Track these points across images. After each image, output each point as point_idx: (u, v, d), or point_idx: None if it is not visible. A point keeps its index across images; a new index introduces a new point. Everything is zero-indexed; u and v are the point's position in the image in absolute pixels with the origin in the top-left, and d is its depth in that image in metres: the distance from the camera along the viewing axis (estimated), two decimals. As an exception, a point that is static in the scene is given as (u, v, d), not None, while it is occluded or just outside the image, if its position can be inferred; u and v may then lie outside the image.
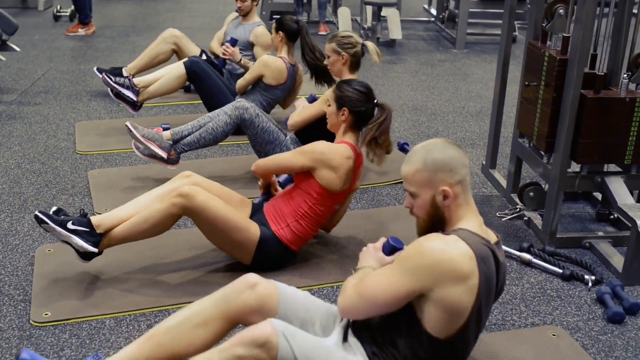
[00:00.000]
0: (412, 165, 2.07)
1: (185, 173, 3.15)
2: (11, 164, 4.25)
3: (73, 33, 7.50)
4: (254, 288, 2.15)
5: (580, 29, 3.05)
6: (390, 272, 2.00)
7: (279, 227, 3.07)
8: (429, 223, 2.08)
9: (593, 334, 2.79)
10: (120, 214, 2.98)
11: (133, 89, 4.71)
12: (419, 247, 1.97)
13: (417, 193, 2.07)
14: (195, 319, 2.14)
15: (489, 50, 7.49)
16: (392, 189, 4.07)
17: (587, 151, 3.26)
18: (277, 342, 1.90)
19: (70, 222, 2.87)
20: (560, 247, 3.39)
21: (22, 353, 2.13)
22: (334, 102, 3.10)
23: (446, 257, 1.92)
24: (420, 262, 1.94)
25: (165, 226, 2.96)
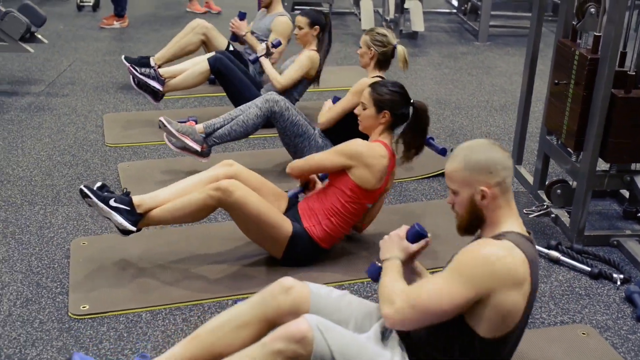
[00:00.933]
0: (454, 164, 2.10)
1: (227, 162, 3.21)
2: (42, 155, 4.32)
3: (109, 26, 7.51)
4: (288, 292, 2.23)
5: (612, 28, 3.06)
6: (446, 282, 1.99)
7: (310, 224, 3.11)
8: (468, 221, 2.12)
9: (622, 332, 2.82)
10: (161, 197, 3.06)
11: (159, 79, 4.75)
12: (475, 254, 1.99)
13: (458, 191, 2.10)
14: (235, 321, 2.22)
15: (512, 43, 7.47)
16: (418, 184, 4.10)
17: (617, 150, 3.28)
18: (313, 337, 1.97)
19: (112, 200, 2.96)
20: (588, 245, 3.41)
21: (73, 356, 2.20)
22: (372, 105, 3.11)
23: (504, 264, 1.95)
24: (479, 270, 1.95)
25: (200, 215, 3.04)
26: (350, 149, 3.07)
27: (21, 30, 5.16)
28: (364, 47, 3.89)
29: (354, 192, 3.06)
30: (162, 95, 4.84)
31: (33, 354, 2.58)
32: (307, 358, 1.97)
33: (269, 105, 3.89)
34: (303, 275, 3.04)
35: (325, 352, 1.98)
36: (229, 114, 4.00)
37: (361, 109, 3.16)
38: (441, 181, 4.16)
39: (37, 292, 2.96)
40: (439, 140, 4.73)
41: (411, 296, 2.03)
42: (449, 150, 4.52)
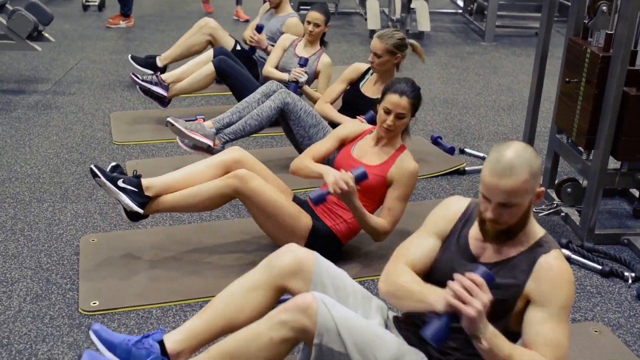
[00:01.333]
0: (519, 177, 1.91)
1: (234, 148, 3.20)
2: (50, 153, 4.31)
3: (115, 25, 7.52)
4: (293, 252, 2.26)
5: (626, 26, 3.05)
6: (565, 324, 1.97)
7: (335, 222, 3.11)
8: (517, 227, 2.02)
9: (635, 330, 2.81)
10: (170, 180, 3.05)
11: (162, 85, 4.71)
12: (568, 283, 1.97)
13: (520, 202, 1.96)
14: (245, 285, 2.26)
15: (518, 43, 7.46)
16: (427, 183, 4.09)
17: (629, 148, 3.26)
18: (317, 307, 1.98)
19: (121, 180, 2.96)
20: (598, 244, 3.40)
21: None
22: (410, 112, 3.05)
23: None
24: (574, 294, 2.01)
25: (216, 204, 3.03)
26: (337, 130, 3.17)
27: (29, 29, 5.17)
28: (385, 55, 3.81)
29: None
30: (169, 101, 4.80)
31: (44, 349, 2.57)
32: (312, 329, 1.98)
33: (282, 97, 3.86)
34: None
35: (329, 324, 1.98)
36: (236, 108, 3.98)
37: (396, 120, 3.02)
38: (450, 179, 4.15)
39: (47, 288, 2.95)
40: (447, 139, 4.73)
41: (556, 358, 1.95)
42: (456, 150, 4.53)
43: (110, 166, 3.06)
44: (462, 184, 4.10)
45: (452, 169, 4.24)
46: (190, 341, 2.20)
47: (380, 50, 3.81)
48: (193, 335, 2.21)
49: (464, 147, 4.58)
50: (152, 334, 2.23)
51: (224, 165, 3.09)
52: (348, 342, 1.98)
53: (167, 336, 2.22)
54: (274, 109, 3.88)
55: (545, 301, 1.95)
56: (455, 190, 4.01)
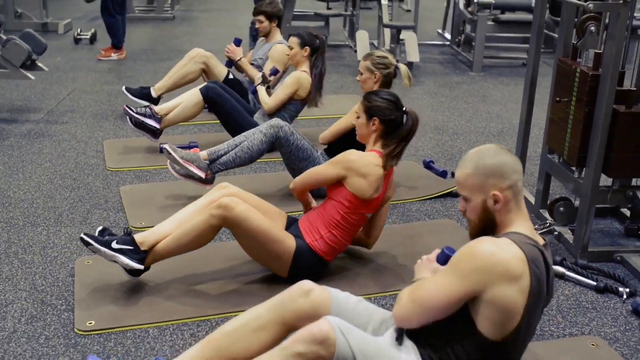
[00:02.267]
0: (465, 170, 2.12)
1: (222, 184, 3.21)
2: (43, 179, 4.31)
3: (106, 58, 7.57)
4: (308, 295, 2.21)
5: (614, 45, 3.12)
6: (443, 277, 2.04)
7: (312, 238, 3.11)
8: (481, 226, 2.13)
9: (632, 344, 2.82)
10: (162, 230, 3.04)
11: (155, 117, 4.73)
12: (470, 250, 2.01)
13: (470, 197, 2.11)
14: (253, 324, 2.20)
15: (506, 73, 7.57)
16: (421, 205, 4.12)
17: (619, 165, 3.31)
18: (335, 338, 1.95)
19: (114, 242, 2.94)
20: (592, 261, 3.42)
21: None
22: (363, 113, 3.15)
23: (497, 258, 1.96)
24: (473, 264, 1.98)
25: (207, 238, 3.00)
26: (343, 159, 3.10)
27: (22, 57, 5.20)
28: (365, 73, 3.93)
29: (351, 203, 3.08)
30: (160, 133, 4.81)
31: (40, 369, 2.55)
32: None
33: (273, 131, 3.92)
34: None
35: (347, 353, 1.96)
36: (233, 141, 4.00)
37: (356, 118, 3.20)
38: (443, 202, 4.17)
39: (42, 309, 2.93)
40: (439, 164, 4.76)
41: (414, 293, 2.07)
42: (449, 173, 4.57)
43: (97, 230, 3.03)
44: (454, 206, 4.12)
45: (444, 192, 4.27)
46: None
47: (361, 67, 3.96)
48: None
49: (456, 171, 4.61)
50: None
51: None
52: None
53: None
54: (264, 142, 3.92)
55: None
56: (448, 212, 4.03)
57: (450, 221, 3.89)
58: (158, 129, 4.75)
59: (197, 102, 4.77)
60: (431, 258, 2.27)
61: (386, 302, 3.05)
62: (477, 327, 2.03)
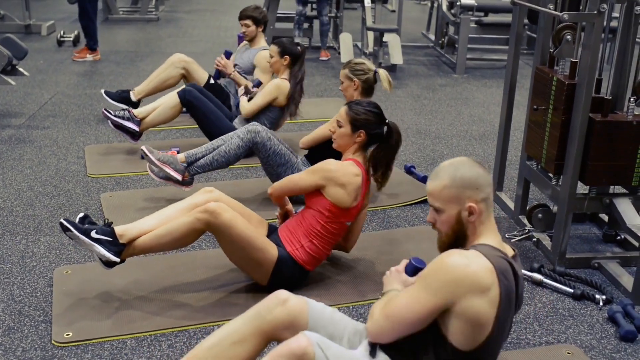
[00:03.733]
0: (440, 181, 2.12)
1: (207, 188, 3.22)
2: (23, 186, 4.30)
3: (81, 58, 7.57)
4: (284, 304, 2.21)
5: (589, 54, 3.14)
6: (414, 291, 2.05)
7: (293, 247, 3.12)
8: (452, 238, 2.14)
9: (607, 352, 2.84)
10: (143, 225, 3.03)
11: (134, 120, 4.74)
12: (440, 263, 2.02)
13: (443, 208, 2.12)
14: (232, 337, 2.20)
15: (489, 75, 7.60)
16: (401, 211, 4.13)
17: (596, 173, 3.33)
18: (314, 353, 1.96)
19: (94, 231, 2.93)
20: (570, 268, 3.45)
21: None
22: (348, 124, 3.15)
23: (467, 271, 1.97)
24: (443, 278, 1.99)
25: (188, 240, 3.01)
26: (322, 169, 3.11)
27: (3, 63, 5.18)
28: (345, 81, 3.95)
29: (331, 212, 3.09)
30: (140, 135, 4.83)
31: (16, 382, 2.54)
32: None
33: (250, 136, 3.93)
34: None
35: None
36: (211, 144, 4.02)
37: (337, 127, 3.19)
38: (423, 208, 4.19)
39: (19, 320, 2.92)
40: (420, 169, 4.78)
41: (386, 308, 2.08)
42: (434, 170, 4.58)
43: (78, 217, 3.03)
44: (435, 211, 4.14)
45: (425, 197, 4.27)
46: None
47: (341, 76, 4.00)
48: None
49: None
50: None
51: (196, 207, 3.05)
52: None
53: None
54: (241, 147, 3.93)
55: None
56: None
57: (430, 228, 3.89)
58: (137, 132, 4.76)
59: (174, 105, 4.78)
60: (400, 269, 2.28)
61: (364, 310, 3.06)
62: (448, 339, 2.04)
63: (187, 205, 3.11)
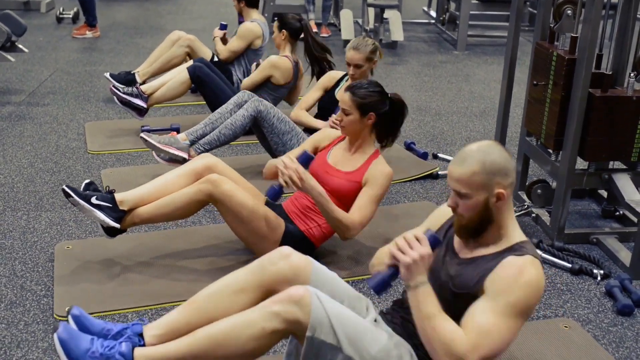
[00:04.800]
0: (469, 167, 2.01)
1: (204, 155, 3.23)
2: (24, 163, 4.31)
3: (81, 35, 7.53)
4: (288, 258, 2.21)
5: (589, 29, 3.14)
6: (505, 321, 1.94)
7: (308, 226, 3.14)
8: (477, 223, 2.07)
9: (604, 325, 2.86)
10: (143, 193, 3.07)
11: (141, 96, 4.74)
12: (527, 286, 1.95)
13: (471, 194, 2.02)
14: (233, 286, 2.20)
15: (490, 52, 7.57)
16: (401, 187, 4.14)
17: (595, 149, 3.34)
18: (311, 301, 1.98)
19: (94, 197, 2.97)
20: (568, 243, 3.47)
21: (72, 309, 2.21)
22: (355, 110, 3.07)
23: (542, 283, 2.00)
24: (531, 298, 1.97)
25: (190, 211, 3.05)
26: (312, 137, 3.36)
27: (1, 39, 5.17)
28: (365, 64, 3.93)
29: None
30: (146, 111, 4.83)
31: (19, 355, 2.57)
32: (305, 322, 1.97)
33: (254, 105, 3.92)
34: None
35: (323, 318, 1.98)
36: (209, 119, 4.02)
37: (343, 115, 3.11)
38: (423, 184, 4.20)
39: (21, 294, 2.94)
40: (420, 145, 4.78)
41: (476, 344, 1.93)
42: (430, 155, 4.59)
43: (84, 184, 3.06)
44: (435, 187, 4.15)
45: (425, 173, 4.29)
46: (169, 336, 2.16)
47: (360, 60, 3.90)
48: (172, 331, 2.16)
49: (437, 152, 4.64)
50: (131, 325, 2.20)
51: (195, 172, 3.11)
52: (341, 336, 1.99)
53: (147, 329, 2.18)
54: (247, 117, 3.92)
55: (495, 293, 1.96)
56: (428, 194, 4.06)
57: (430, 203, 3.92)
58: (145, 108, 4.77)
59: (184, 80, 4.78)
60: (420, 237, 2.03)
61: (363, 285, 3.08)
62: None
63: (185, 171, 3.12)
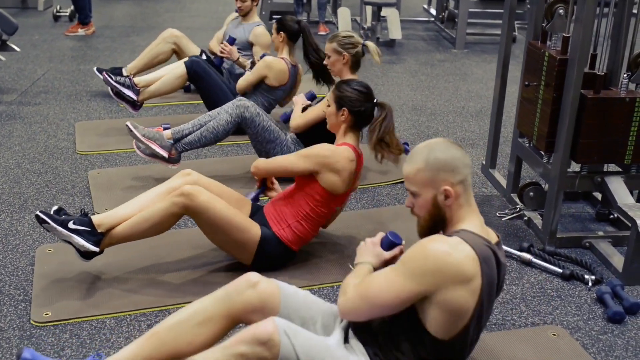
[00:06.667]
0: (414, 165, 2.06)
1: (185, 171, 3.16)
2: (11, 164, 4.25)
3: (73, 33, 7.51)
4: (255, 287, 2.15)
5: (581, 28, 3.06)
6: (394, 275, 1.99)
7: (279, 227, 3.07)
8: (430, 222, 2.09)
9: (593, 333, 2.79)
10: (121, 213, 2.98)
11: (133, 89, 4.71)
12: (422, 249, 1.97)
13: (419, 192, 2.06)
14: (197, 317, 2.13)
15: (489, 50, 7.49)
16: (392, 189, 4.08)
17: (587, 151, 3.26)
18: (279, 340, 1.91)
19: (71, 222, 2.87)
20: (560, 247, 3.39)
21: (23, 352, 2.13)
22: (333, 102, 3.09)
23: (450, 260, 1.92)
24: (425, 264, 1.93)
25: (166, 225, 2.96)
26: (317, 154, 3.02)
27: (-8, 39, 5.11)
28: (333, 55, 3.82)
29: (322, 197, 3.03)
30: (141, 104, 4.79)
31: (-8, 362, 2.52)
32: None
33: (239, 111, 3.87)
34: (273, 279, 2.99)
35: (291, 356, 1.92)
36: (198, 120, 3.96)
37: (326, 106, 3.16)
38: (415, 186, 4.13)
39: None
40: (413, 146, 4.70)
41: (361, 287, 2.03)
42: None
43: (53, 210, 2.95)
44: (427, 189, 4.08)
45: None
46: None
47: (327, 50, 3.85)
48: None
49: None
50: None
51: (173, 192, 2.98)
52: None
53: None
54: (230, 122, 3.87)
55: None
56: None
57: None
58: (137, 101, 4.72)
59: (180, 75, 4.74)
60: (375, 241, 2.26)
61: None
62: (425, 326, 1.99)
63: (164, 190, 3.05)
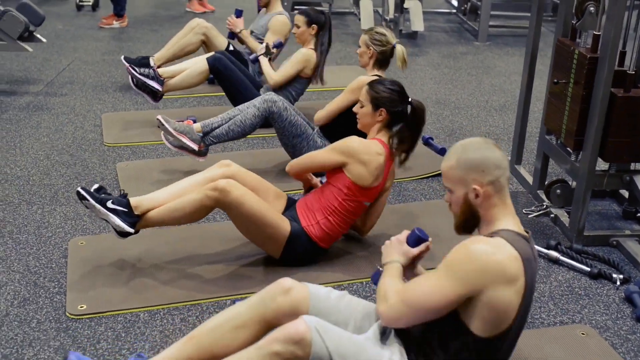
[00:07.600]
0: (448, 162, 2.13)
1: (224, 162, 3.21)
2: (40, 155, 4.31)
3: (108, 25, 7.50)
4: (287, 293, 2.21)
5: (612, 27, 3.05)
6: (438, 278, 2.01)
7: (308, 223, 3.10)
8: (463, 219, 2.14)
9: (622, 333, 2.81)
10: (158, 197, 3.05)
11: (158, 79, 4.74)
12: (465, 251, 1.99)
13: (452, 189, 2.13)
14: (234, 321, 2.20)
15: (512, 43, 7.46)
16: (417, 184, 4.09)
17: (616, 150, 3.26)
18: (311, 338, 1.96)
19: (110, 201, 2.94)
20: (588, 245, 3.40)
21: (69, 356, 2.21)
22: (369, 103, 3.13)
23: (494, 260, 1.95)
24: (469, 266, 1.96)
25: (198, 216, 3.02)
26: (345, 146, 3.08)
27: (19, 29, 5.15)
28: (363, 47, 3.89)
29: (350, 190, 3.06)
30: (162, 96, 4.83)
31: (30, 354, 2.57)
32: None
33: (267, 106, 3.90)
34: (302, 275, 3.03)
35: (323, 353, 1.97)
36: (227, 114, 3.99)
37: (359, 107, 3.18)
38: (440, 181, 4.14)
39: (34, 291, 2.94)
40: (438, 140, 4.72)
41: (405, 293, 2.06)
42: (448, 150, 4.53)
43: (93, 188, 3.03)
44: (452, 185, 4.09)
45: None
46: None
47: (360, 40, 3.92)
48: None
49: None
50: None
51: (213, 181, 3.02)
52: None
53: None
54: (257, 117, 3.91)
55: None
56: (444, 192, 3.99)
57: (447, 201, 3.86)
58: (160, 91, 4.75)
59: (202, 70, 4.76)
60: (401, 239, 2.29)
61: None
62: (469, 326, 2.02)
63: (202, 179, 3.11)
